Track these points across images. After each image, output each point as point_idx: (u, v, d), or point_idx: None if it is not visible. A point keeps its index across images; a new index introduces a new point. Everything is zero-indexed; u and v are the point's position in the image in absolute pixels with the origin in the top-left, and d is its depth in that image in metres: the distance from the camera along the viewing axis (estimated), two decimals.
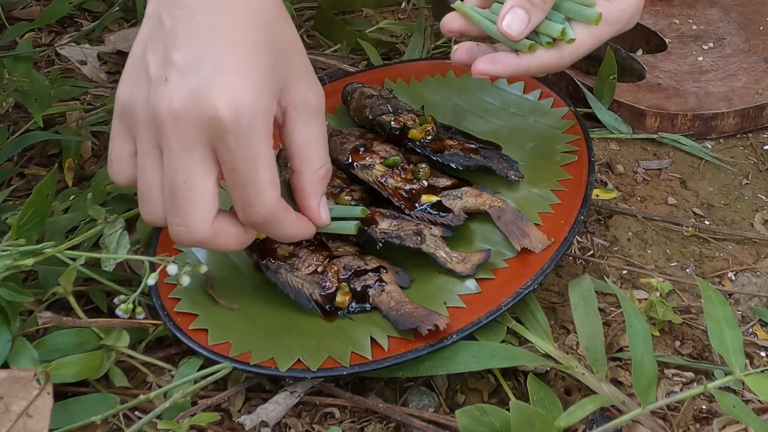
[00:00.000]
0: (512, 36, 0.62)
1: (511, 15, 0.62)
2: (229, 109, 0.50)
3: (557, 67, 0.64)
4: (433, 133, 0.74)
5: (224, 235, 0.55)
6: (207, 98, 0.50)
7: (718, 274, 0.71)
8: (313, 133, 0.57)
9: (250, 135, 0.51)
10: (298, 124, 0.56)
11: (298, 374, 0.59)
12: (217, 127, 0.50)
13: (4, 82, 0.84)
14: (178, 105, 0.51)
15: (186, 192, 0.52)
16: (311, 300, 0.63)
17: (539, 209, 0.69)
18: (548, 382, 0.61)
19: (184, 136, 0.51)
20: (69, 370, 0.59)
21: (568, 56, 0.64)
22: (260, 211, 0.54)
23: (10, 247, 0.61)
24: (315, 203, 0.59)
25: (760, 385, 0.54)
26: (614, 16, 0.64)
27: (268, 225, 0.56)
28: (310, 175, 0.57)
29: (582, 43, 0.63)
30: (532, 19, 0.62)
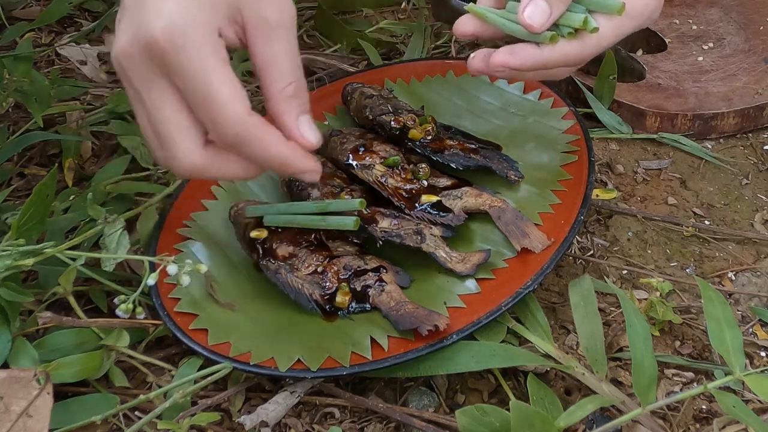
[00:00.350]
0: (534, 27, 0.60)
1: (532, 6, 0.60)
2: (163, 30, 0.50)
3: (579, 59, 0.63)
4: (433, 133, 0.74)
5: (222, 162, 0.54)
6: (145, 28, 0.50)
7: (718, 274, 0.71)
8: (276, 49, 0.53)
9: (189, 50, 0.50)
10: (258, 42, 0.53)
11: (298, 374, 0.59)
12: (157, 51, 0.50)
13: (4, 82, 0.84)
14: (124, 43, 0.51)
15: (162, 126, 0.52)
16: (311, 300, 0.63)
17: (539, 209, 0.69)
18: (548, 382, 0.61)
19: (137, 73, 0.51)
20: (69, 370, 0.59)
21: (591, 48, 0.62)
22: (228, 128, 0.51)
23: (10, 247, 0.61)
24: (291, 121, 0.54)
25: (760, 385, 0.54)
26: (638, 9, 0.62)
27: (245, 144, 0.52)
28: (277, 94, 0.54)
29: (605, 35, 0.62)
30: (554, 11, 0.60)
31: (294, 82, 0.54)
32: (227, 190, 0.76)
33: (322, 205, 0.67)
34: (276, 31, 0.53)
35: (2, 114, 0.87)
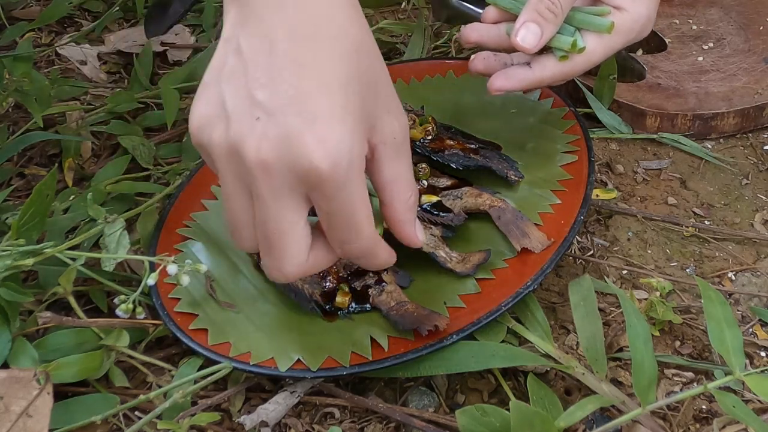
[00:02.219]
0: (527, 49, 0.64)
1: (524, 30, 0.64)
2: (327, 161, 0.47)
3: (570, 76, 0.67)
4: (433, 133, 0.74)
5: (316, 266, 0.54)
6: (300, 148, 0.47)
7: (718, 274, 0.71)
8: (402, 165, 0.54)
9: (348, 183, 0.49)
10: (388, 159, 0.53)
11: (298, 374, 0.59)
12: (314, 178, 0.48)
13: (4, 82, 0.84)
14: (267, 153, 0.48)
15: (279, 238, 0.51)
16: (311, 300, 0.63)
17: (539, 209, 0.68)
18: (548, 382, 0.61)
19: (275, 184, 0.49)
20: (69, 370, 0.59)
21: (580, 65, 0.66)
22: (358, 248, 0.53)
23: (10, 247, 0.61)
24: (412, 230, 0.56)
25: (760, 385, 0.54)
26: (626, 26, 0.65)
27: (365, 257, 0.54)
28: (402, 206, 0.55)
29: (594, 53, 0.65)
30: (545, 33, 0.64)
31: (414, 192, 0.55)
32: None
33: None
34: (402, 147, 0.54)
35: (2, 114, 0.87)
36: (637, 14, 0.65)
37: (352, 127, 0.49)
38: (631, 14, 0.65)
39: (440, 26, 1.01)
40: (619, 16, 0.65)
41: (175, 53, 1.00)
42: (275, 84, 0.48)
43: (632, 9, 0.65)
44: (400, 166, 0.54)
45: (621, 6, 0.65)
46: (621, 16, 0.65)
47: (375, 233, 0.53)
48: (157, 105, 0.89)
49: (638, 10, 0.65)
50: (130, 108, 0.88)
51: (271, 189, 0.49)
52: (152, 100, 0.90)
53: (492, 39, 0.68)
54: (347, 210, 0.50)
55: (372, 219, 0.52)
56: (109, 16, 1.06)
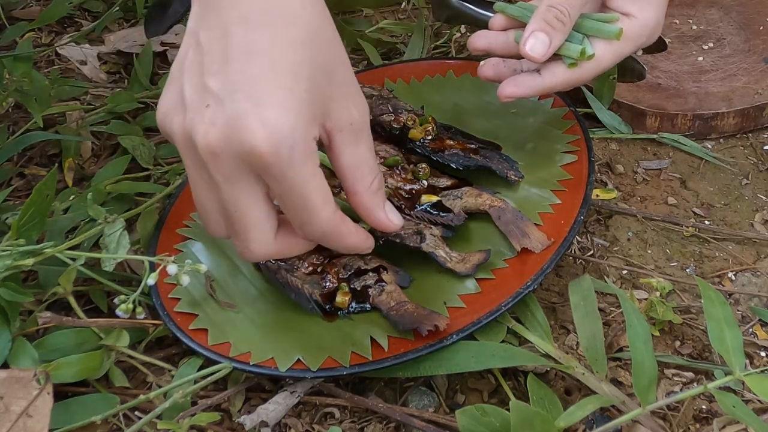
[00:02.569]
0: (536, 59, 0.64)
1: (533, 39, 0.64)
2: (267, 142, 0.49)
3: (579, 82, 0.67)
4: (433, 133, 0.74)
5: (288, 248, 0.56)
6: (243, 131, 0.49)
7: (718, 274, 0.71)
8: (362, 150, 0.55)
9: (292, 164, 0.50)
10: (347, 145, 0.54)
11: (298, 374, 0.59)
12: (257, 161, 0.49)
13: (4, 82, 0.84)
14: (213, 139, 0.49)
15: (240, 219, 0.53)
16: (311, 300, 0.63)
17: (539, 209, 0.68)
18: (548, 382, 0.61)
19: (225, 169, 0.50)
20: (69, 370, 0.59)
21: (589, 72, 0.66)
22: (317, 228, 0.54)
23: (10, 247, 0.61)
24: (381, 214, 0.58)
25: (760, 385, 0.54)
26: (635, 32, 0.65)
27: (327, 238, 0.56)
28: (366, 191, 0.56)
29: (603, 59, 0.65)
30: (553, 42, 0.64)
31: (377, 176, 0.57)
32: None
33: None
34: (361, 133, 0.55)
35: (2, 114, 0.87)
36: (646, 20, 0.65)
37: (297, 111, 0.50)
38: (640, 20, 0.65)
39: (440, 26, 1.01)
40: (627, 22, 0.65)
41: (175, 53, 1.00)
42: (226, 71, 0.50)
43: (641, 15, 0.65)
44: (359, 152, 0.55)
45: (629, 12, 0.65)
46: (629, 23, 0.65)
47: (335, 215, 0.54)
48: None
49: (647, 16, 0.65)
50: (130, 108, 0.88)
51: (223, 173, 0.51)
52: (152, 100, 0.90)
53: (500, 46, 0.69)
54: (298, 192, 0.51)
55: (331, 201, 0.53)
56: (109, 16, 1.06)
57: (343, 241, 0.57)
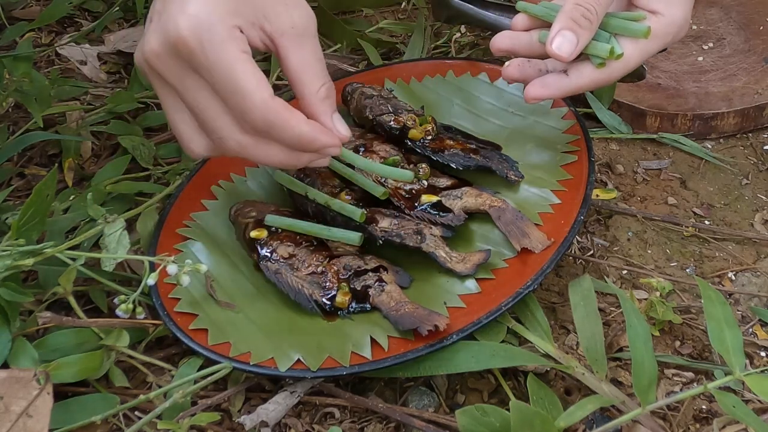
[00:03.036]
0: (563, 58, 0.63)
1: (560, 37, 0.63)
2: (187, 30, 0.54)
3: (608, 82, 0.66)
4: (433, 133, 0.74)
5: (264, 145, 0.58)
6: (170, 29, 0.54)
7: (718, 274, 0.71)
8: (306, 54, 0.58)
9: (213, 46, 0.54)
10: (289, 49, 0.57)
11: (298, 374, 0.59)
12: (184, 50, 0.54)
13: (4, 82, 0.84)
14: (154, 44, 0.56)
15: (204, 113, 0.57)
16: (311, 300, 0.63)
17: (539, 209, 0.68)
18: (548, 382, 0.61)
19: (170, 71, 0.56)
20: (69, 370, 0.59)
21: (617, 72, 0.65)
22: (256, 114, 0.55)
23: (10, 247, 0.61)
24: (326, 120, 0.59)
25: (760, 385, 0.54)
26: (663, 30, 0.65)
27: (273, 127, 0.56)
28: (312, 97, 0.58)
29: (631, 58, 0.65)
30: (581, 40, 0.63)
31: (326, 84, 0.59)
32: (227, 190, 0.76)
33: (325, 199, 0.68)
34: (304, 38, 0.58)
35: (2, 114, 0.87)
36: (673, 17, 0.65)
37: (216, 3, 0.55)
38: (667, 18, 0.64)
39: (440, 26, 1.01)
40: (654, 20, 0.64)
41: None
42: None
43: (668, 12, 0.64)
44: (303, 56, 0.58)
45: (656, 10, 0.64)
46: (657, 21, 0.64)
47: (274, 101, 0.56)
48: (157, 105, 0.89)
49: (674, 13, 0.64)
50: (130, 108, 0.88)
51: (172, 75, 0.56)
52: (152, 100, 0.90)
53: (523, 47, 0.67)
54: (224, 75, 0.54)
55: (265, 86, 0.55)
56: (109, 16, 1.06)
57: (293, 130, 0.57)
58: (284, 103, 0.56)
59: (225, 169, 0.77)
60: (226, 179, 0.77)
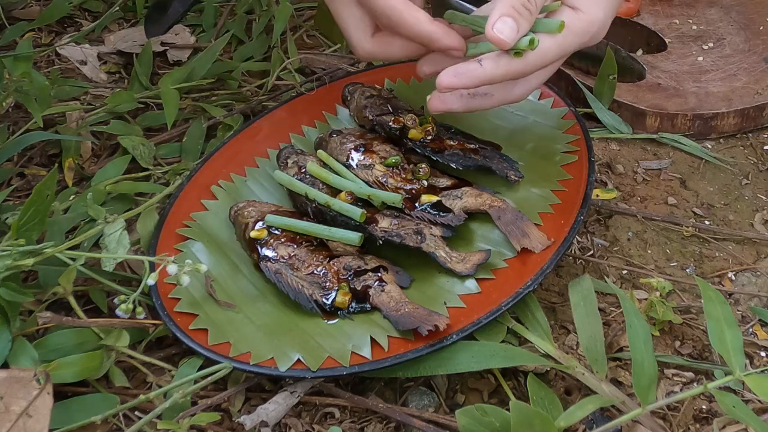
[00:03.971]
0: (503, 42, 0.62)
1: (501, 23, 0.62)
2: None
3: (523, 74, 0.64)
4: (433, 133, 0.74)
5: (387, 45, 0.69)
6: None
7: (718, 274, 0.71)
8: None
9: None
10: None
11: (298, 374, 0.59)
12: None
13: (4, 82, 0.84)
14: None
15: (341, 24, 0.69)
16: (311, 300, 0.63)
17: (539, 209, 0.68)
18: (548, 382, 0.61)
19: None
20: (69, 370, 0.59)
21: (533, 64, 0.64)
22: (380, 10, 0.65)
23: (10, 247, 0.61)
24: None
25: (760, 385, 0.54)
26: (582, 27, 0.65)
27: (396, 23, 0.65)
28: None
29: (549, 51, 0.64)
30: (520, 28, 0.62)
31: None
32: (227, 190, 0.76)
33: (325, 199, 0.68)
34: None
35: (2, 114, 0.87)
36: (593, 17, 0.64)
37: None
38: (587, 16, 0.64)
39: None
40: (574, 16, 0.64)
41: (175, 53, 1.00)
42: None
43: (588, 11, 0.64)
44: None
45: (577, 7, 0.64)
46: (576, 17, 0.64)
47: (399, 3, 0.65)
48: (157, 105, 0.89)
49: (594, 12, 0.64)
50: (130, 108, 0.88)
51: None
52: (152, 100, 0.90)
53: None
54: None
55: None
56: (109, 16, 1.06)
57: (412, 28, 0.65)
58: (407, 2, 0.65)
59: (225, 169, 0.77)
60: (226, 179, 0.77)
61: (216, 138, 0.84)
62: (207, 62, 0.91)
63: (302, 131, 0.82)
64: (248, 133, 0.80)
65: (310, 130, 0.82)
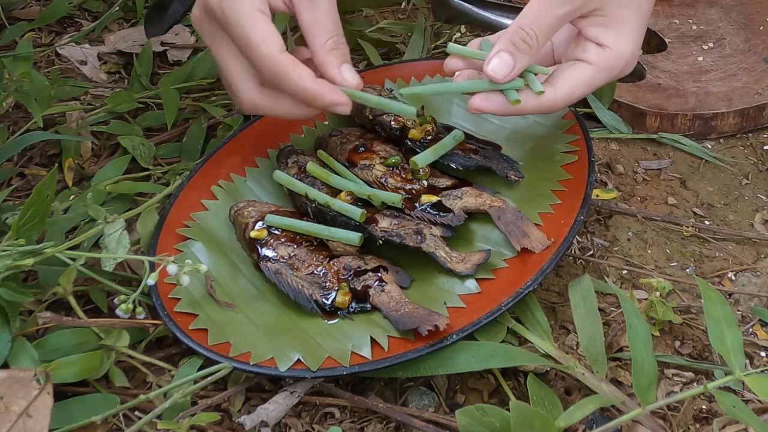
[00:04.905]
0: (497, 80, 0.64)
1: (497, 59, 0.63)
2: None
3: (553, 110, 0.66)
4: (433, 133, 0.74)
5: (274, 100, 0.64)
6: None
7: (718, 274, 0.71)
8: (318, 13, 0.63)
9: (233, 5, 0.61)
10: (303, 7, 0.63)
11: (298, 374, 0.59)
12: (211, 11, 0.62)
13: (4, 82, 0.84)
14: (195, 10, 0.64)
15: (226, 72, 0.65)
16: (311, 300, 0.63)
17: (539, 209, 0.68)
18: (548, 382, 0.61)
19: (205, 32, 0.65)
20: (69, 370, 0.59)
21: (562, 101, 0.65)
22: (264, 65, 0.61)
23: (10, 247, 0.61)
24: (334, 71, 0.64)
25: (760, 385, 0.54)
26: (610, 63, 0.65)
27: (280, 79, 0.62)
28: (320, 48, 0.63)
29: (575, 89, 0.65)
30: (518, 64, 0.63)
31: (333, 37, 0.64)
32: (227, 190, 0.76)
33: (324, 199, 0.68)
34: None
35: (2, 114, 0.87)
36: (620, 52, 0.65)
37: None
38: (614, 51, 0.64)
39: (440, 26, 1.01)
40: (601, 53, 0.65)
41: (175, 53, 1.00)
42: None
43: (615, 47, 0.64)
44: (315, 14, 0.64)
45: (603, 43, 0.65)
46: (603, 54, 0.64)
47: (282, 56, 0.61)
48: (157, 105, 0.89)
49: (621, 47, 0.65)
50: (130, 108, 0.88)
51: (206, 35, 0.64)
52: (152, 100, 0.90)
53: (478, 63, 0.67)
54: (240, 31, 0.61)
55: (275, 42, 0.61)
56: (109, 16, 1.06)
57: (299, 84, 0.62)
58: (293, 58, 0.62)
59: (225, 169, 0.77)
60: (226, 179, 0.77)
61: (216, 138, 0.84)
62: (207, 62, 0.91)
63: (302, 131, 0.82)
64: (248, 133, 0.80)
65: (310, 130, 0.82)
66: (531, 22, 0.63)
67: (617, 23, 0.64)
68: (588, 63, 0.65)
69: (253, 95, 0.64)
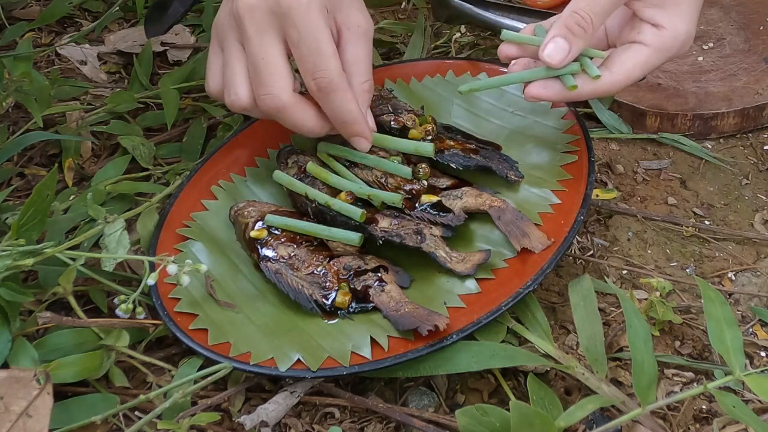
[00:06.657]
0: (553, 65, 0.64)
1: (552, 44, 0.64)
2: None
3: (609, 93, 0.68)
4: (433, 133, 0.74)
5: (302, 109, 0.66)
6: None
7: (718, 274, 0.71)
8: (362, 51, 0.68)
9: (309, 11, 0.64)
10: (351, 42, 0.67)
11: (298, 374, 0.59)
12: (284, 6, 0.63)
13: (4, 82, 0.84)
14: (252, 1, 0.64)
15: (267, 66, 0.65)
16: (311, 300, 0.63)
17: (539, 209, 0.68)
18: (548, 382, 0.61)
19: (258, 21, 0.64)
20: (69, 370, 0.59)
21: (620, 83, 0.66)
22: (326, 76, 0.64)
23: (10, 247, 0.61)
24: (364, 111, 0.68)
25: (760, 385, 0.54)
26: (666, 43, 0.65)
27: (334, 92, 0.65)
28: (357, 87, 0.67)
29: (632, 71, 0.65)
30: (573, 48, 0.64)
31: (369, 80, 0.69)
32: (227, 190, 0.76)
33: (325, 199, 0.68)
34: (363, 37, 0.68)
35: (2, 114, 0.87)
36: (676, 31, 0.65)
37: None
38: (670, 32, 0.65)
39: (440, 26, 1.01)
40: (657, 33, 0.65)
41: (175, 53, 1.00)
42: None
43: (671, 26, 0.65)
44: (359, 51, 0.68)
45: (660, 23, 0.65)
46: (659, 34, 0.65)
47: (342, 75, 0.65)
48: (157, 105, 0.89)
49: (677, 27, 0.65)
50: (130, 108, 0.88)
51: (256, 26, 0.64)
52: (152, 100, 0.90)
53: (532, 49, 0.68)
54: (312, 36, 0.64)
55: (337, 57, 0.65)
56: (109, 16, 1.06)
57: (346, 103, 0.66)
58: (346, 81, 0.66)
59: (225, 169, 0.77)
60: (226, 179, 0.77)
61: (216, 138, 0.84)
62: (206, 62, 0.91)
63: None
64: (248, 133, 0.80)
65: None
66: (586, 6, 0.63)
67: (673, 3, 0.64)
68: (644, 44, 0.65)
69: (286, 95, 0.65)
